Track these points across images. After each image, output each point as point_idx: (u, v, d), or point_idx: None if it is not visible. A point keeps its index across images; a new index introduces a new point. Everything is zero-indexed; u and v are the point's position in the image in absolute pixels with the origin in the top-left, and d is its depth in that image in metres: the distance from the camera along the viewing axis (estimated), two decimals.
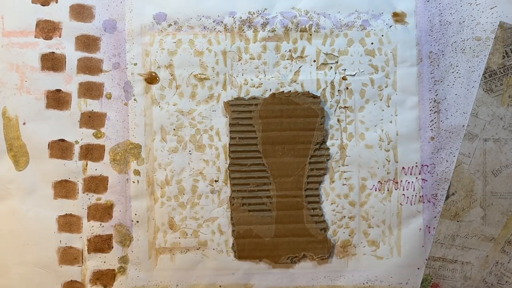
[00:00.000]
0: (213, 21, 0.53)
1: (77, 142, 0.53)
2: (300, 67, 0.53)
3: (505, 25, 0.52)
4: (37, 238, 0.53)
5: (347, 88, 0.53)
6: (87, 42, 0.53)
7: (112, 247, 0.53)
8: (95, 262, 0.53)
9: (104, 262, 0.53)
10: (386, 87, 0.53)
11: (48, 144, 0.52)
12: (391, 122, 0.53)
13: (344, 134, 0.53)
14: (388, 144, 0.53)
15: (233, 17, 0.53)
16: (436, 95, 0.52)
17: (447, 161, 0.52)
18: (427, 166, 0.53)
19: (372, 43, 0.53)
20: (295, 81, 0.53)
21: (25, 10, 0.52)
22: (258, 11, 0.53)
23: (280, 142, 0.52)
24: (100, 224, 0.53)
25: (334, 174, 0.53)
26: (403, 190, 0.53)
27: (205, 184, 0.53)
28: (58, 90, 0.52)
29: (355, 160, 0.53)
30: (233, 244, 0.53)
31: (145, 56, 0.53)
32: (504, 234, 0.52)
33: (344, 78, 0.53)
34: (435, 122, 0.52)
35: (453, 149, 0.52)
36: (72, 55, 0.52)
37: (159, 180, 0.53)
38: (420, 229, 0.53)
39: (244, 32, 0.53)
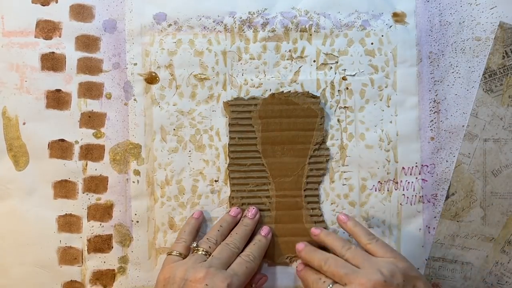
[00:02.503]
0: (213, 21, 0.53)
1: (77, 142, 0.53)
2: (300, 67, 0.53)
3: (505, 25, 0.52)
4: (37, 238, 0.53)
5: (347, 88, 0.53)
6: (87, 42, 0.53)
7: (112, 247, 0.53)
8: (95, 262, 0.53)
9: (104, 262, 0.53)
10: (386, 87, 0.53)
11: (48, 144, 0.52)
12: (391, 122, 0.53)
13: (344, 134, 0.53)
14: (388, 144, 0.53)
15: (233, 17, 0.53)
16: (436, 95, 0.52)
17: (447, 161, 0.52)
18: (427, 166, 0.53)
19: (372, 43, 0.53)
20: (295, 81, 0.53)
21: (25, 10, 0.52)
22: (258, 11, 0.53)
23: (280, 142, 0.52)
24: (100, 224, 0.53)
25: (334, 174, 0.53)
26: (403, 190, 0.53)
27: (205, 184, 0.53)
28: (58, 90, 0.53)
29: (355, 160, 0.53)
30: None
31: (145, 56, 0.53)
32: (504, 234, 0.52)
33: (344, 78, 0.53)
34: (435, 122, 0.52)
35: (453, 149, 0.52)
36: (72, 55, 0.53)
37: (159, 180, 0.53)
38: (420, 229, 0.53)
39: (244, 32, 0.53)
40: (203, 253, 0.47)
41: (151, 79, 0.53)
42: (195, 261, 0.45)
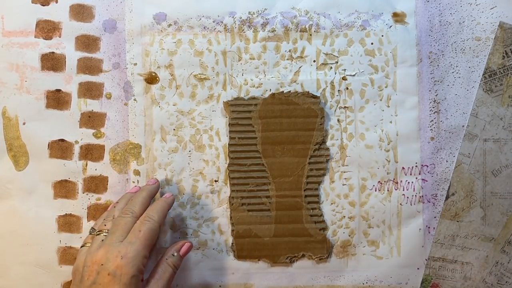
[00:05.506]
0: (213, 21, 0.53)
1: (77, 142, 0.53)
2: (300, 67, 0.53)
3: (505, 25, 0.52)
4: (37, 238, 0.53)
5: (347, 88, 0.53)
6: (87, 42, 0.53)
7: None
8: None
9: None
10: (386, 87, 0.53)
11: (48, 144, 0.52)
12: (391, 122, 0.53)
13: (344, 134, 0.53)
14: (388, 144, 0.53)
15: (233, 17, 0.53)
16: (436, 95, 0.52)
17: (447, 161, 0.52)
18: (427, 166, 0.53)
19: (372, 43, 0.53)
20: (295, 81, 0.53)
21: (25, 10, 0.52)
22: (258, 11, 0.53)
23: (280, 142, 0.52)
24: None
25: (334, 174, 0.53)
26: (403, 190, 0.53)
27: (205, 184, 0.53)
28: (58, 90, 0.53)
29: (355, 160, 0.53)
30: (232, 243, 0.53)
31: (145, 56, 0.53)
32: (504, 234, 0.52)
33: (344, 78, 0.53)
34: (435, 122, 0.52)
35: (453, 149, 0.52)
36: (72, 55, 0.53)
37: (159, 180, 0.53)
38: (420, 229, 0.53)
39: (244, 32, 0.53)
40: (103, 234, 0.45)
41: (151, 79, 0.53)
42: (93, 245, 0.44)
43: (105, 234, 0.45)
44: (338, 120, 0.53)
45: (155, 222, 0.45)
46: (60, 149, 0.53)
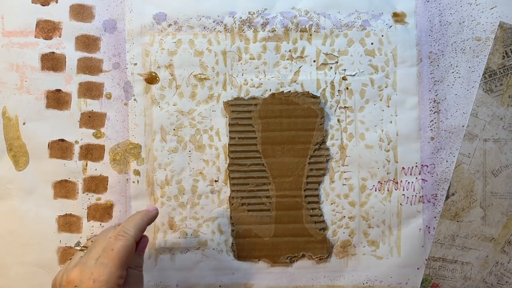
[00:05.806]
0: (213, 21, 0.53)
1: (77, 142, 0.53)
2: (300, 67, 0.53)
3: (505, 25, 0.52)
4: (37, 238, 0.53)
5: (347, 88, 0.53)
6: (87, 42, 0.53)
7: None
8: None
9: None
10: (386, 87, 0.53)
11: (48, 144, 0.52)
12: (391, 122, 0.53)
13: (344, 134, 0.53)
14: (388, 144, 0.53)
15: (233, 17, 0.53)
16: (436, 95, 0.52)
17: (447, 161, 0.52)
18: (427, 166, 0.53)
19: (372, 43, 0.53)
20: (295, 81, 0.53)
21: (25, 10, 0.52)
22: (258, 11, 0.53)
23: (280, 142, 0.52)
24: (100, 224, 0.53)
25: (334, 174, 0.53)
26: (403, 190, 0.53)
27: (205, 184, 0.53)
28: (58, 90, 0.53)
29: (355, 160, 0.53)
30: (232, 243, 0.53)
31: (145, 56, 0.53)
32: (504, 234, 0.52)
33: (344, 78, 0.53)
34: (435, 122, 0.52)
35: (453, 149, 0.52)
36: (72, 55, 0.53)
37: (159, 180, 0.53)
38: (420, 229, 0.53)
39: (244, 32, 0.53)
40: (85, 251, 0.42)
41: (151, 79, 0.53)
42: (72, 261, 0.42)
43: (84, 250, 0.43)
44: (338, 120, 0.53)
45: (130, 237, 0.41)
46: (60, 149, 0.53)
